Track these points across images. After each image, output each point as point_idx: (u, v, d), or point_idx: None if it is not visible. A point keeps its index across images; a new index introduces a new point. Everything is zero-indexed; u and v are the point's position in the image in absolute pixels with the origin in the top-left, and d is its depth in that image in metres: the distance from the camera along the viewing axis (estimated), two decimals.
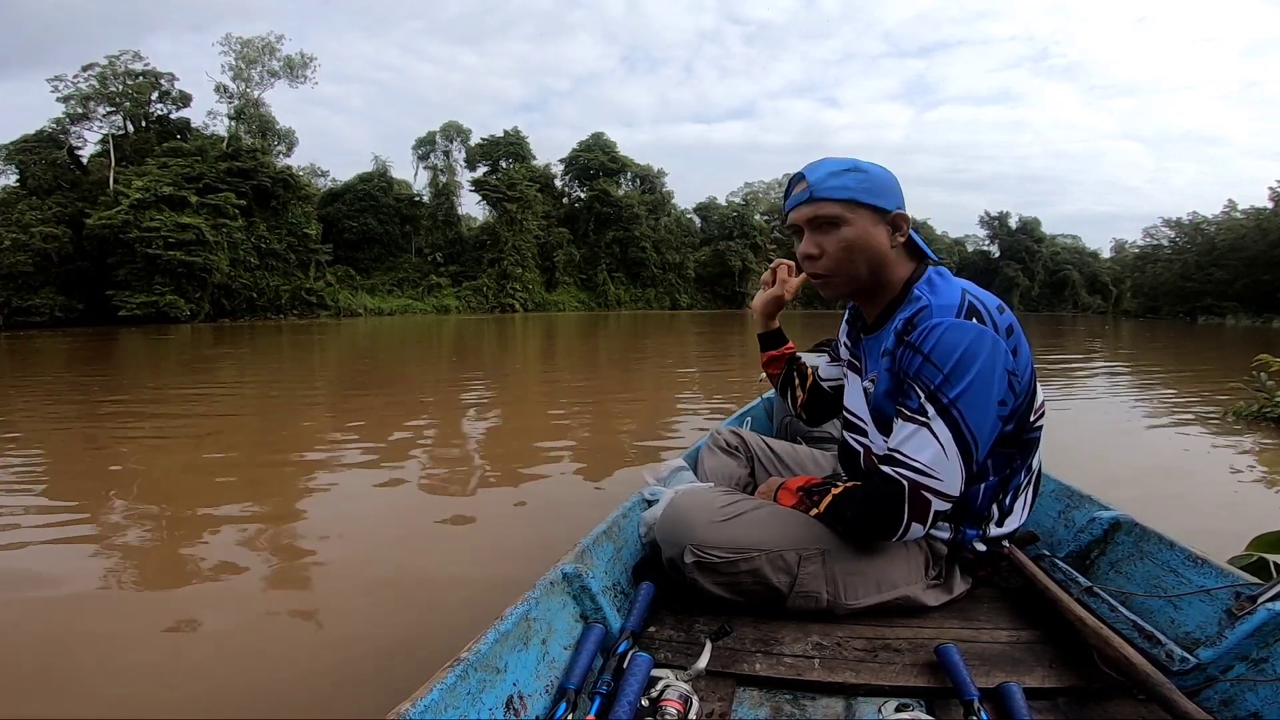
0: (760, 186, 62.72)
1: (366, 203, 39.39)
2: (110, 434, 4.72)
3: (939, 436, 0.99)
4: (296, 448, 4.37)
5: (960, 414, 0.98)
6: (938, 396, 0.99)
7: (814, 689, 0.98)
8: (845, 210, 1.07)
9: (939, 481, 1.00)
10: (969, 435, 0.99)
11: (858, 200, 1.07)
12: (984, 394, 0.99)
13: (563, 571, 1.08)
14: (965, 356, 0.98)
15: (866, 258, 1.09)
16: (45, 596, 2.13)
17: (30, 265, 24.74)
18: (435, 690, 0.75)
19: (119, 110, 31.48)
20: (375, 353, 12.97)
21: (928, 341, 1.00)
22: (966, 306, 1.03)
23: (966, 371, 0.98)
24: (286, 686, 1.59)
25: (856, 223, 1.08)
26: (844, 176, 1.08)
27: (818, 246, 1.10)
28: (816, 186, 1.08)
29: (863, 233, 1.08)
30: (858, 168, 1.09)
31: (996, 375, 1.00)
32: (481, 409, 6.03)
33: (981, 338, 0.99)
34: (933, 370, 0.99)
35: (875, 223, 1.09)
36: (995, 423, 1.02)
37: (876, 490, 1.04)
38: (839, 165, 1.10)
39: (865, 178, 1.08)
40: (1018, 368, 1.04)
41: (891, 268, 1.13)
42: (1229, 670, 0.92)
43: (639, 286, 47.81)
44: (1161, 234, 48.45)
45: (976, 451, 1.01)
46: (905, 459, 1.01)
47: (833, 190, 1.07)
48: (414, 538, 2.66)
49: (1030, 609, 1.17)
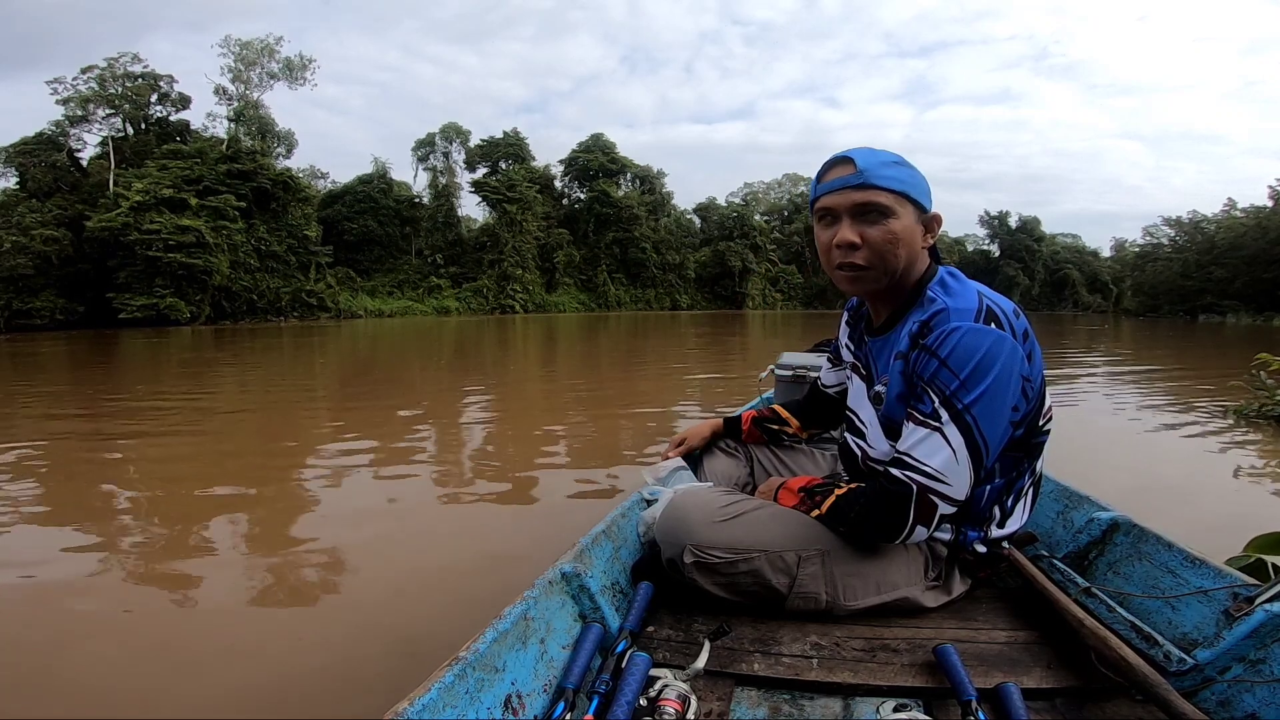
0: (760, 187, 62.87)
1: (366, 204, 39.38)
2: (110, 435, 4.72)
3: (951, 442, 0.98)
4: (297, 449, 4.38)
5: (974, 420, 0.97)
6: (952, 402, 0.98)
7: (812, 689, 0.98)
8: (896, 202, 1.05)
9: (947, 486, 1.00)
10: (981, 441, 0.98)
11: (908, 194, 1.05)
12: (999, 401, 0.98)
13: (561, 571, 1.08)
14: (983, 362, 0.96)
15: (906, 254, 1.07)
16: (46, 596, 2.13)
17: (30, 268, 24.73)
18: (434, 689, 0.75)
19: (118, 112, 31.50)
20: (376, 354, 12.98)
21: (945, 346, 0.98)
22: (985, 311, 1.01)
23: (983, 378, 0.96)
24: (285, 686, 1.59)
25: (905, 217, 1.05)
26: (897, 168, 1.05)
27: (860, 235, 1.05)
28: (870, 173, 1.04)
29: (908, 228, 1.06)
30: (906, 162, 1.08)
31: (1012, 382, 0.99)
32: (481, 409, 6.03)
33: (1000, 344, 0.98)
34: (949, 375, 0.98)
35: (916, 220, 1.08)
36: (1007, 429, 1.02)
37: (883, 492, 1.04)
38: (890, 156, 1.07)
39: (914, 173, 1.07)
40: (1031, 373, 1.04)
41: (915, 267, 1.11)
42: (1226, 671, 0.92)
43: (639, 287, 47.79)
44: (1162, 233, 48.41)
45: (986, 457, 1.00)
46: (915, 462, 1.00)
47: (888, 180, 1.04)
48: (412, 537, 2.66)
49: (1028, 609, 1.16)
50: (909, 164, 1.08)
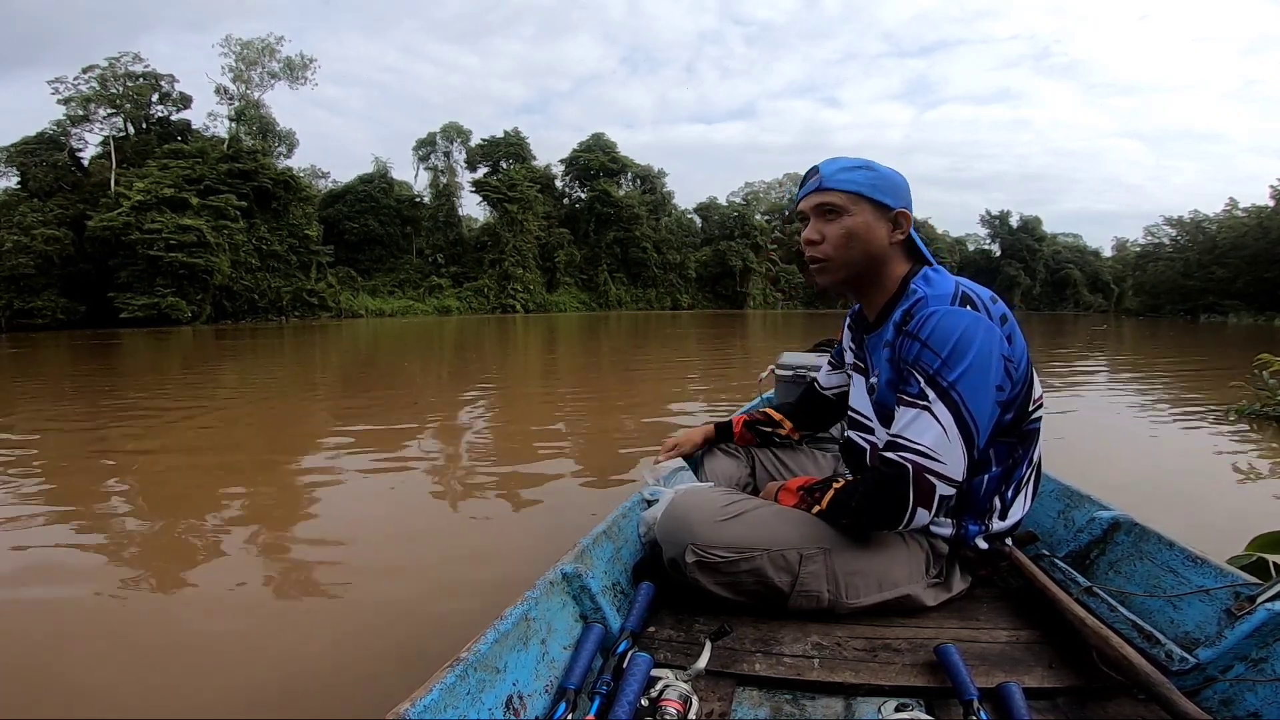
0: (760, 186, 62.79)
1: (367, 204, 39.37)
2: (111, 435, 4.73)
3: (940, 419, 1.01)
4: (297, 449, 4.38)
5: (960, 396, 1.01)
6: (937, 380, 1.02)
7: (813, 689, 0.98)
8: (849, 202, 1.13)
9: (942, 465, 1.02)
10: (969, 418, 1.02)
11: (862, 194, 1.13)
12: (982, 377, 1.02)
13: (562, 571, 1.08)
14: (962, 340, 1.02)
15: (863, 248, 1.15)
16: (46, 596, 2.13)
17: (32, 268, 24.73)
18: (435, 690, 0.75)
19: (119, 112, 31.50)
20: (377, 354, 12.98)
21: (925, 328, 1.04)
22: (960, 295, 1.08)
23: (964, 355, 1.01)
24: (285, 686, 1.59)
25: (859, 214, 1.14)
26: (854, 172, 1.14)
27: (819, 233, 1.16)
28: (827, 178, 1.15)
29: (863, 224, 1.14)
30: (869, 166, 1.16)
31: (993, 359, 1.03)
32: (481, 409, 6.03)
33: (976, 323, 1.03)
34: (931, 355, 1.03)
35: (877, 218, 1.15)
36: (994, 407, 1.05)
37: (881, 476, 1.06)
38: (852, 162, 1.16)
39: (875, 175, 1.15)
40: (1013, 355, 1.07)
41: (889, 264, 1.18)
42: (1228, 670, 0.92)
43: (640, 287, 47.81)
44: (1163, 232, 48.42)
45: (977, 435, 1.03)
46: (908, 442, 1.03)
47: (841, 182, 1.14)
48: (413, 537, 2.66)
49: (1030, 609, 1.16)
50: (873, 167, 1.16)
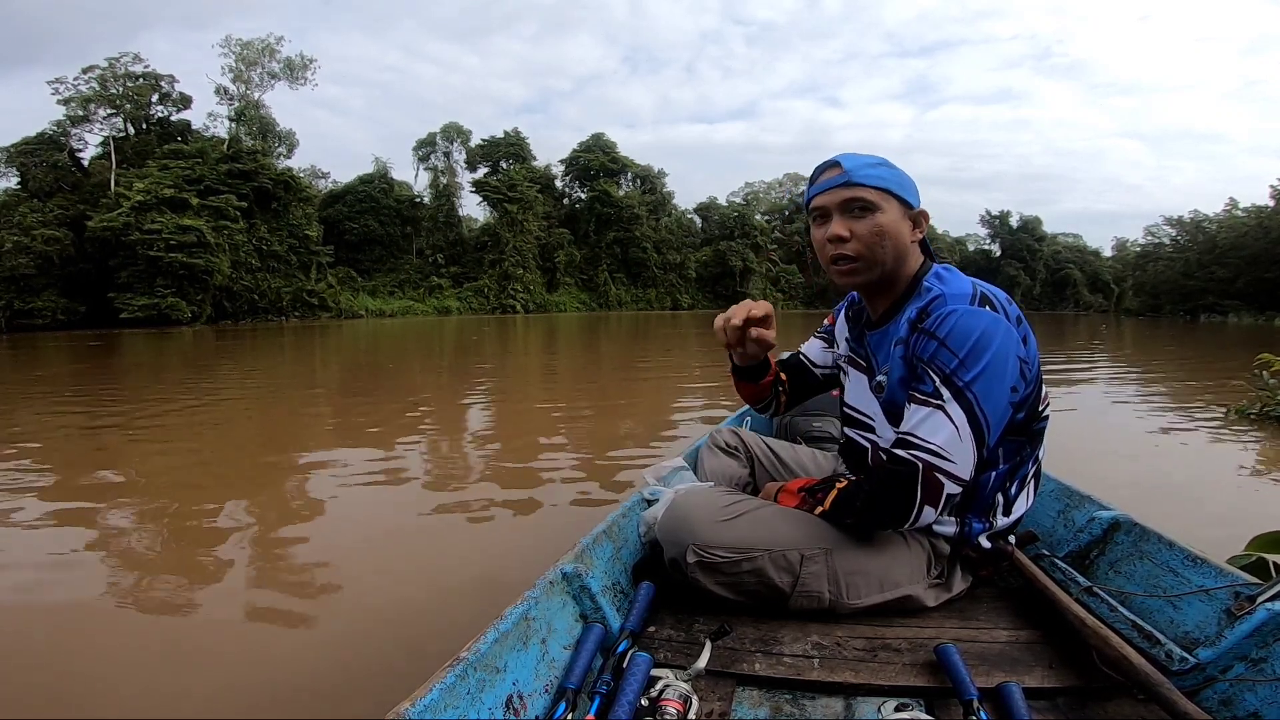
0: (761, 186, 62.82)
1: (367, 204, 39.35)
2: (110, 436, 4.73)
3: (954, 419, 1.01)
4: (297, 449, 4.38)
5: (975, 397, 1.00)
6: (953, 380, 1.01)
7: (814, 689, 0.98)
8: (880, 198, 1.11)
9: (952, 464, 1.01)
10: (983, 419, 1.01)
11: (891, 190, 1.12)
12: (998, 378, 1.01)
13: (562, 571, 1.08)
14: (980, 341, 1.00)
15: (893, 246, 1.12)
16: (46, 597, 2.13)
17: (32, 268, 24.71)
18: (435, 690, 0.75)
19: (119, 112, 31.49)
20: (377, 354, 12.98)
21: (943, 327, 1.03)
22: (980, 295, 1.07)
23: (981, 356, 1.00)
24: (285, 686, 1.59)
25: (889, 211, 1.12)
26: (880, 168, 1.13)
27: (849, 229, 1.12)
28: (854, 172, 1.11)
29: (893, 221, 1.12)
30: (889, 164, 1.15)
31: (1010, 361, 1.03)
32: (482, 409, 6.03)
33: (995, 324, 1.02)
34: (948, 355, 1.02)
35: (903, 216, 1.14)
36: (1007, 408, 1.05)
37: (889, 474, 1.05)
38: (873, 158, 1.15)
39: (898, 173, 1.14)
40: (1028, 356, 1.07)
41: (908, 262, 1.16)
42: (1228, 670, 0.92)
43: (640, 287, 47.78)
44: (1163, 232, 48.32)
45: (988, 436, 1.03)
46: (919, 441, 1.02)
47: (870, 178, 1.11)
48: (413, 537, 2.66)
49: (1030, 609, 1.16)
50: (892, 165, 1.15)
